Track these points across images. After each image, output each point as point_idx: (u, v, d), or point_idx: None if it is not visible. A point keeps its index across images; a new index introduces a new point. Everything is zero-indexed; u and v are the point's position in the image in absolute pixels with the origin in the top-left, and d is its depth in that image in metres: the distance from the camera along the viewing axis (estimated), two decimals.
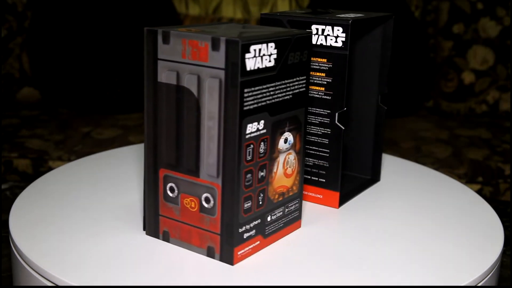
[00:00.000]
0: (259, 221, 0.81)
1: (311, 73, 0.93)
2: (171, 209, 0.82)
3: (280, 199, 0.84)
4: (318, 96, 0.94)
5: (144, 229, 0.87)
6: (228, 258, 0.79)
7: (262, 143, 0.78)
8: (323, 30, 0.92)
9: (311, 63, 0.93)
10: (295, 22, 0.94)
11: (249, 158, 0.77)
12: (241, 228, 0.78)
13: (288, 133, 0.82)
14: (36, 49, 2.06)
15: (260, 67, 0.75)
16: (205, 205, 0.79)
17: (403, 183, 1.09)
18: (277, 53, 0.77)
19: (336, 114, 0.93)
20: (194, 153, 0.78)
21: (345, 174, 1.09)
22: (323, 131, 0.95)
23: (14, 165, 1.71)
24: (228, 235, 0.78)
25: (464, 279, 0.77)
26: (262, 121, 0.77)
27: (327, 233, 0.88)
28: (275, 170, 0.82)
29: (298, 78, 0.82)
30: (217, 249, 0.79)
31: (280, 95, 0.80)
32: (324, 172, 0.96)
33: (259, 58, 0.75)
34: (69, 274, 0.75)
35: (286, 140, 0.82)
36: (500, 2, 2.12)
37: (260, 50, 0.75)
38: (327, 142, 0.95)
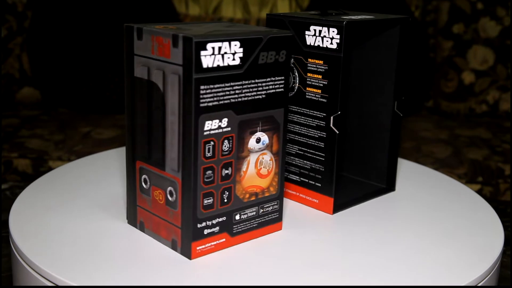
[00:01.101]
0: (224, 218, 0.81)
1: (308, 74, 0.93)
2: (145, 200, 0.84)
3: (252, 198, 0.83)
4: (315, 98, 0.93)
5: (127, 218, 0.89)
6: (186, 252, 0.80)
7: (226, 141, 0.78)
8: (320, 31, 0.90)
9: (309, 65, 0.93)
10: (295, 23, 0.93)
11: (209, 154, 0.77)
12: (201, 223, 0.79)
13: (261, 133, 0.82)
14: (36, 49, 2.06)
15: (221, 65, 0.76)
16: (169, 198, 0.80)
17: (408, 188, 1.09)
18: (244, 52, 0.77)
19: (331, 117, 0.92)
20: (161, 147, 0.80)
21: (359, 180, 1.07)
22: (319, 134, 0.94)
23: (14, 165, 1.71)
24: (186, 229, 0.79)
25: (464, 279, 0.77)
26: (226, 119, 0.78)
27: (307, 237, 0.87)
28: (244, 169, 0.81)
29: (273, 78, 0.82)
30: (179, 242, 0.80)
31: (249, 94, 0.79)
32: (320, 177, 0.95)
33: (219, 56, 0.75)
34: (69, 274, 0.75)
35: (258, 140, 0.82)
36: (500, 2, 2.12)
37: (220, 48, 0.75)
38: (323, 146, 0.93)
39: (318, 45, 0.91)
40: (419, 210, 0.98)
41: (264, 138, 0.82)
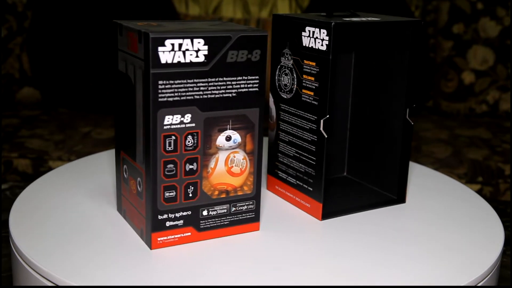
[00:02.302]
0: (189, 212, 0.82)
1: (304, 76, 0.92)
2: (126, 189, 0.87)
3: (223, 196, 0.84)
4: (308, 100, 0.91)
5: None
6: (148, 242, 0.81)
7: (190, 136, 0.79)
8: (313, 32, 0.89)
9: (304, 66, 0.92)
10: (293, 24, 0.93)
11: (169, 148, 0.78)
12: (162, 215, 0.80)
13: (232, 131, 0.82)
14: (36, 49, 2.06)
15: (182, 61, 0.76)
16: (138, 188, 0.82)
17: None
18: (209, 50, 0.78)
19: (321, 121, 0.90)
20: (133, 139, 0.82)
21: (372, 189, 1.03)
22: (311, 138, 0.92)
23: (14, 165, 1.71)
24: (147, 220, 0.81)
25: (464, 279, 0.77)
26: (189, 115, 0.78)
27: (283, 240, 0.86)
28: (212, 166, 0.82)
29: (245, 77, 0.81)
30: (144, 232, 0.82)
31: (216, 91, 0.80)
32: (311, 181, 0.93)
33: (180, 52, 0.76)
34: (69, 274, 0.75)
35: (229, 138, 0.82)
36: (500, 2, 2.12)
37: (180, 44, 0.76)
38: (314, 149, 0.92)
39: (312, 47, 0.90)
40: (418, 210, 0.98)
41: (236, 136, 0.82)
